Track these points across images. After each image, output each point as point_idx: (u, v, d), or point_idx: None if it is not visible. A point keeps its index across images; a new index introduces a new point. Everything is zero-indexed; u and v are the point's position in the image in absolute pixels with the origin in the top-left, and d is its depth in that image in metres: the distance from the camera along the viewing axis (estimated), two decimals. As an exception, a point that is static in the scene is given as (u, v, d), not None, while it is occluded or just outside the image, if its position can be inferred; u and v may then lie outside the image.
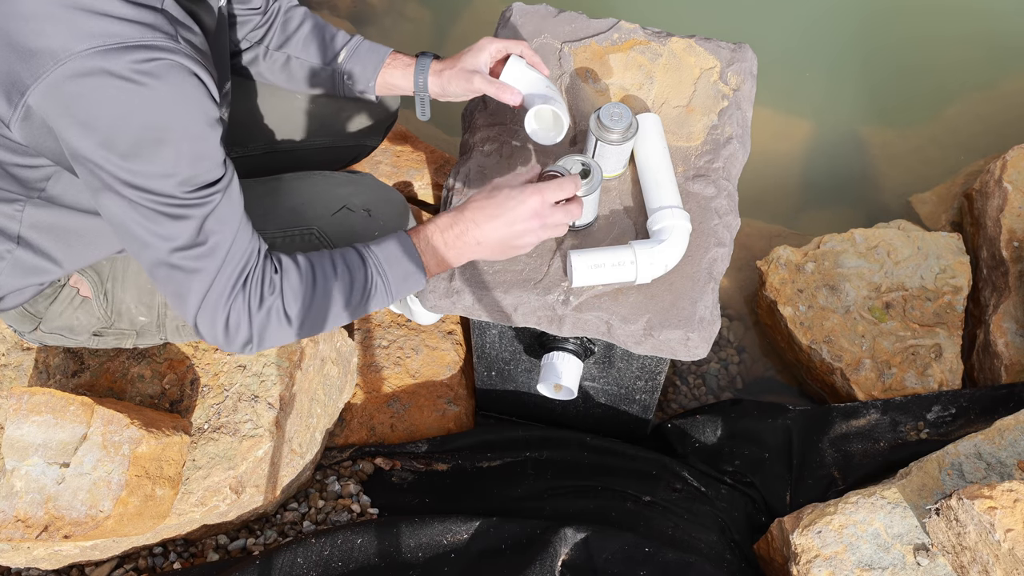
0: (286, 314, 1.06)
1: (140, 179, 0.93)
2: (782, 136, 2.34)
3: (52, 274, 1.18)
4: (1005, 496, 1.21)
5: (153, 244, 0.98)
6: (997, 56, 2.46)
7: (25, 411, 1.20)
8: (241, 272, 1.02)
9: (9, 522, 1.17)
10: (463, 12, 2.63)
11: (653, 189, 1.31)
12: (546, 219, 1.12)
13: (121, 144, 0.91)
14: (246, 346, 1.06)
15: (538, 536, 1.37)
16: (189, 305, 1.02)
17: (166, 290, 1.03)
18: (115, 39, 0.87)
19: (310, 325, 1.09)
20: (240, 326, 1.04)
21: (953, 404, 1.66)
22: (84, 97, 0.88)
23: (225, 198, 1.00)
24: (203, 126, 0.95)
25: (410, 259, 1.13)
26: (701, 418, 1.70)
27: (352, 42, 1.37)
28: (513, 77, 1.28)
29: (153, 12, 0.92)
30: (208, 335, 1.04)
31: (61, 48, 0.86)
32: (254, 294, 1.03)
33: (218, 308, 1.02)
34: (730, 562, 1.46)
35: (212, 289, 1.01)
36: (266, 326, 1.05)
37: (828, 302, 1.83)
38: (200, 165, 0.96)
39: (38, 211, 1.09)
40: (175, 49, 0.91)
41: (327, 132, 1.50)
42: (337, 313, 1.10)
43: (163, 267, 1.00)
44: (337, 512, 1.50)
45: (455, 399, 1.68)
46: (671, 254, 1.26)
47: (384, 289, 1.12)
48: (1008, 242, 1.85)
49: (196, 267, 0.99)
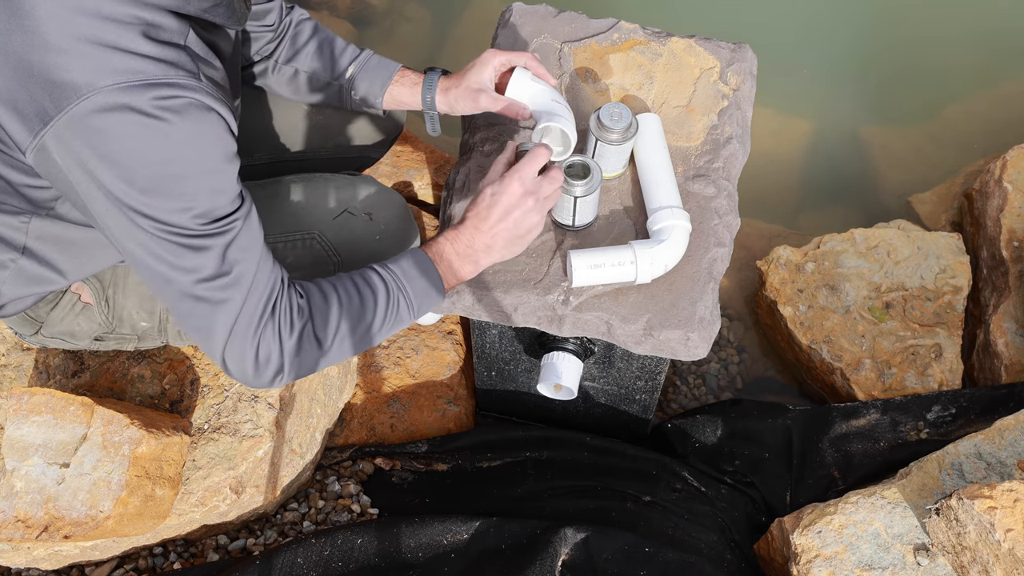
0: (316, 337, 1.04)
1: (159, 213, 0.93)
2: (782, 136, 2.34)
3: (55, 284, 1.18)
4: (1005, 496, 1.21)
5: (176, 278, 0.96)
6: (997, 56, 2.46)
7: (25, 411, 1.20)
8: (268, 300, 1.01)
9: (9, 522, 1.17)
10: (463, 12, 2.63)
11: (653, 189, 1.31)
12: (535, 193, 1.13)
13: (140, 179, 0.91)
14: (276, 377, 1.03)
15: (538, 536, 1.37)
16: (216, 339, 1.00)
17: (190, 326, 1.00)
18: (139, 76, 0.88)
19: (338, 348, 1.07)
20: (271, 357, 1.02)
21: (953, 404, 1.66)
22: (106, 132, 0.88)
23: (244, 228, 0.99)
24: (221, 162, 0.95)
25: (428, 274, 1.12)
26: (701, 418, 1.70)
27: (361, 57, 1.36)
28: (519, 91, 1.27)
29: (176, 49, 0.92)
30: (236, 370, 1.02)
31: (85, 83, 0.86)
32: (284, 321, 1.02)
33: (247, 339, 1.00)
34: (730, 562, 1.46)
35: (239, 320, 0.99)
36: (298, 352, 1.03)
37: (828, 302, 1.83)
38: (218, 199, 0.96)
39: (44, 223, 1.09)
40: (197, 88, 0.92)
41: (332, 143, 1.50)
42: (364, 333, 1.09)
43: (187, 300, 0.98)
44: (337, 512, 1.50)
45: (455, 399, 1.68)
46: (671, 254, 1.26)
47: (407, 306, 1.11)
48: (1008, 242, 1.85)
49: (222, 297, 0.98)
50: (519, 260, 1.31)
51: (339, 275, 1.10)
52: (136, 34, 0.89)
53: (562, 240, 1.33)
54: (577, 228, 1.32)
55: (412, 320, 1.14)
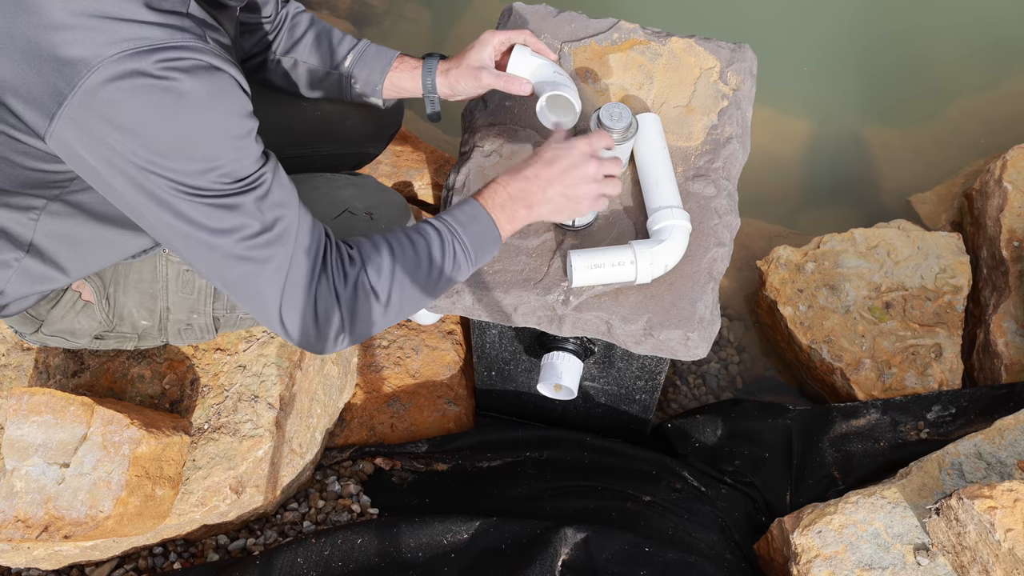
0: (373, 290, 1.01)
1: (185, 177, 0.92)
2: (782, 136, 2.34)
3: (58, 282, 1.18)
4: (1005, 496, 1.21)
5: (217, 243, 0.95)
6: (997, 56, 2.46)
7: (25, 411, 1.20)
8: (317, 253, 0.99)
9: (9, 522, 1.17)
10: (463, 12, 2.63)
11: (653, 188, 1.31)
12: (600, 164, 1.13)
13: (160, 144, 0.90)
14: (339, 337, 1.00)
15: (538, 536, 1.37)
16: (270, 301, 0.97)
17: (242, 295, 0.98)
18: (144, 42, 0.88)
19: (399, 302, 1.04)
20: (331, 312, 0.99)
21: (953, 404, 1.66)
22: (118, 102, 0.88)
23: (275, 182, 0.97)
24: (239, 118, 0.95)
25: (481, 220, 1.10)
26: (701, 418, 1.70)
27: (359, 46, 1.36)
28: (520, 67, 1.26)
29: (179, 16, 0.93)
30: (297, 331, 0.99)
31: (93, 55, 0.86)
32: (337, 272, 0.99)
33: (301, 296, 0.97)
34: (730, 562, 1.46)
35: (291, 276, 0.97)
36: (356, 305, 1.00)
37: (828, 302, 1.83)
38: (241, 157, 0.95)
39: (53, 220, 1.09)
40: (204, 49, 0.92)
41: (331, 140, 1.50)
42: (424, 284, 1.06)
43: (234, 264, 0.96)
44: (337, 512, 1.50)
45: (455, 399, 1.68)
46: (671, 254, 1.26)
47: (464, 254, 1.09)
48: (1008, 242, 1.85)
49: (268, 255, 0.96)
50: (519, 260, 1.31)
51: (392, 227, 1.09)
52: (138, 5, 0.89)
53: (562, 240, 1.33)
54: (577, 228, 1.32)
55: (470, 269, 1.11)
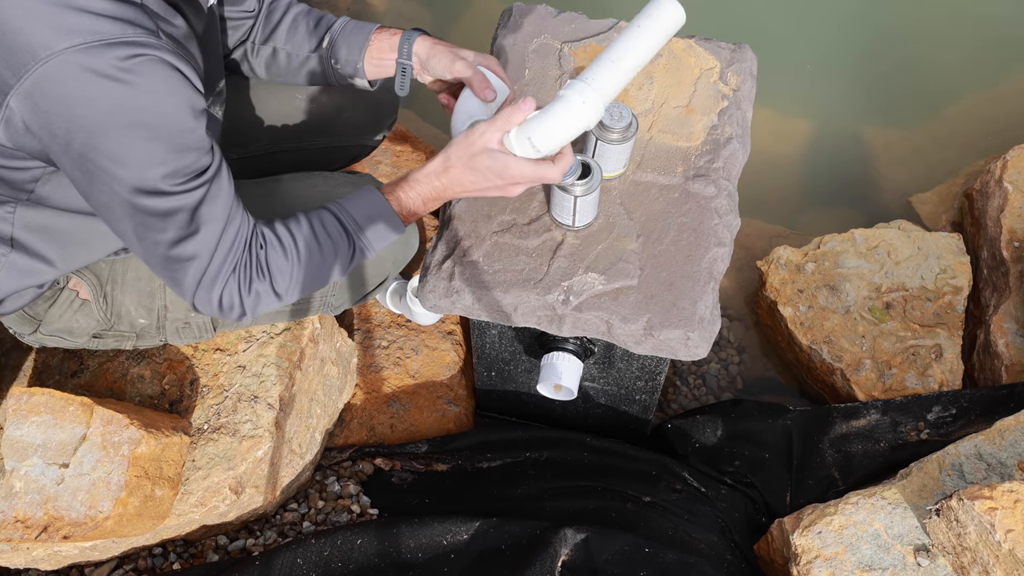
0: (275, 291, 1.12)
1: (129, 174, 0.94)
2: (782, 136, 2.34)
3: (47, 275, 1.18)
4: (1005, 497, 1.21)
5: (147, 237, 1.00)
6: (998, 56, 2.46)
7: (24, 411, 1.20)
8: (232, 256, 1.06)
9: (8, 522, 1.17)
10: (463, 12, 2.63)
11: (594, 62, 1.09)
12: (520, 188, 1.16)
13: (108, 141, 0.91)
14: (240, 319, 1.12)
15: (538, 536, 1.37)
16: (186, 289, 1.07)
17: (162, 275, 1.07)
18: (96, 36, 0.87)
19: (296, 295, 1.15)
20: (233, 305, 1.09)
21: (953, 404, 1.66)
22: (68, 97, 0.88)
23: (214, 186, 1.02)
24: (188, 118, 0.96)
25: (391, 223, 1.17)
26: (701, 418, 1.70)
27: (336, 24, 1.33)
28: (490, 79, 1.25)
29: (132, 7, 0.92)
30: (204, 310, 1.10)
31: (42, 46, 0.86)
32: (243, 279, 1.08)
33: (212, 290, 1.07)
34: (730, 563, 1.46)
35: (207, 273, 1.05)
36: (257, 304, 1.12)
37: (828, 302, 1.83)
38: (187, 156, 0.97)
39: (29, 212, 1.09)
40: (156, 45, 0.92)
41: (326, 132, 1.49)
42: (321, 282, 1.17)
43: (160, 258, 1.03)
44: (337, 513, 1.50)
45: (455, 399, 1.68)
46: (546, 125, 1.09)
47: (366, 254, 1.18)
48: (1008, 242, 1.84)
49: (191, 254, 1.03)
50: (519, 260, 1.31)
51: (298, 218, 1.13)
52: None
53: (562, 240, 1.32)
54: (577, 228, 1.32)
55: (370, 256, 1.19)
